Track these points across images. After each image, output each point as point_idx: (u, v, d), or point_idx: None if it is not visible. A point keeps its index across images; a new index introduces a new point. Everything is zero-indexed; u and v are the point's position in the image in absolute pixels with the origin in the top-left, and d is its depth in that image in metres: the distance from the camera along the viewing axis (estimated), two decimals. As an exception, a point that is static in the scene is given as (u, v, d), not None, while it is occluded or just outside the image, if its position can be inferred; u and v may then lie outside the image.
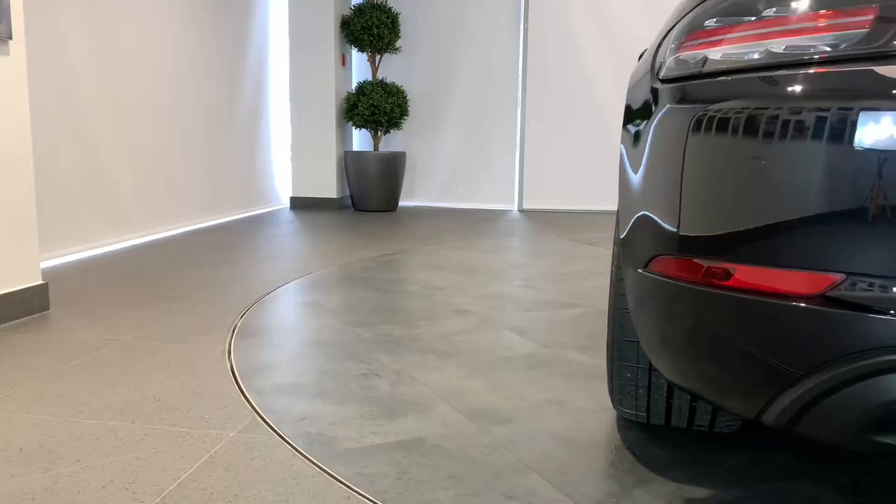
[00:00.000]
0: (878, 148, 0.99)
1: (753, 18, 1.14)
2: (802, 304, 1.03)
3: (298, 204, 6.88)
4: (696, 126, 1.16)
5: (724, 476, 1.59)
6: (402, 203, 7.09)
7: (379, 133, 6.78)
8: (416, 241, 4.90)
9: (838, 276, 1.00)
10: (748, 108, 1.11)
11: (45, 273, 3.25)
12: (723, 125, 1.13)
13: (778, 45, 1.11)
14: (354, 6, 6.70)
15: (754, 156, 1.09)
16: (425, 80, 7.09)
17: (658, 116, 1.28)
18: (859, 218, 0.99)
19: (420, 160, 7.20)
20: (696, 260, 1.18)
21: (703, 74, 1.20)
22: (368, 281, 3.57)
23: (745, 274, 1.10)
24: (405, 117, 6.76)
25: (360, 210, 6.72)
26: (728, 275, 1.12)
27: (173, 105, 5.10)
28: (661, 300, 1.27)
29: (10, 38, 2.63)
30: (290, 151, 6.90)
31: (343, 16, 6.73)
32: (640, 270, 1.33)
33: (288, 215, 6.33)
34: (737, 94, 1.14)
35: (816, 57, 1.07)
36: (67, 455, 1.62)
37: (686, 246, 1.20)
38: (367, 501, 1.44)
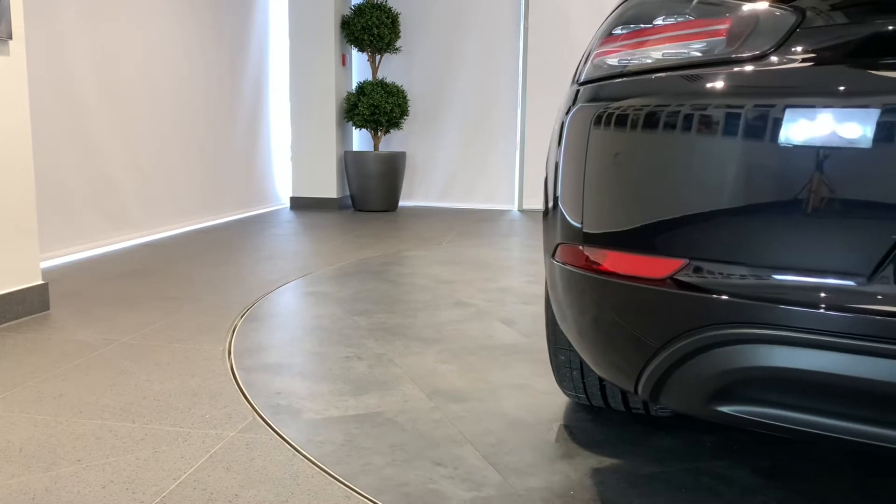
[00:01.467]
0: (713, 147, 1.12)
1: (648, 26, 1.28)
2: (655, 286, 1.18)
3: (298, 204, 6.88)
4: (596, 122, 1.30)
5: (648, 454, 1.67)
6: (402, 203, 7.09)
7: (379, 133, 6.78)
8: (418, 241, 4.90)
9: (682, 262, 1.14)
10: (610, 109, 1.26)
11: (45, 273, 3.26)
12: (590, 123, 1.30)
13: (657, 51, 1.24)
14: (354, 6, 6.70)
15: (616, 152, 1.25)
16: (425, 80, 7.09)
17: (570, 114, 1.40)
18: (697, 209, 1.13)
19: (420, 160, 7.20)
20: (581, 248, 1.33)
21: (606, 77, 1.33)
22: (371, 277, 3.57)
23: (614, 259, 1.26)
24: (405, 117, 6.76)
25: (360, 210, 6.72)
26: (601, 261, 1.28)
27: (173, 105, 5.11)
28: (562, 284, 1.41)
29: (10, 38, 2.63)
30: (290, 151, 6.90)
31: (343, 16, 6.73)
32: (550, 258, 1.47)
33: (288, 215, 6.33)
34: (620, 95, 1.27)
35: (683, 61, 1.20)
36: (67, 455, 1.62)
37: (577, 235, 1.34)
38: (367, 501, 1.44)
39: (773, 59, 1.10)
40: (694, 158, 1.13)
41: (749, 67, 1.12)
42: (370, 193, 6.66)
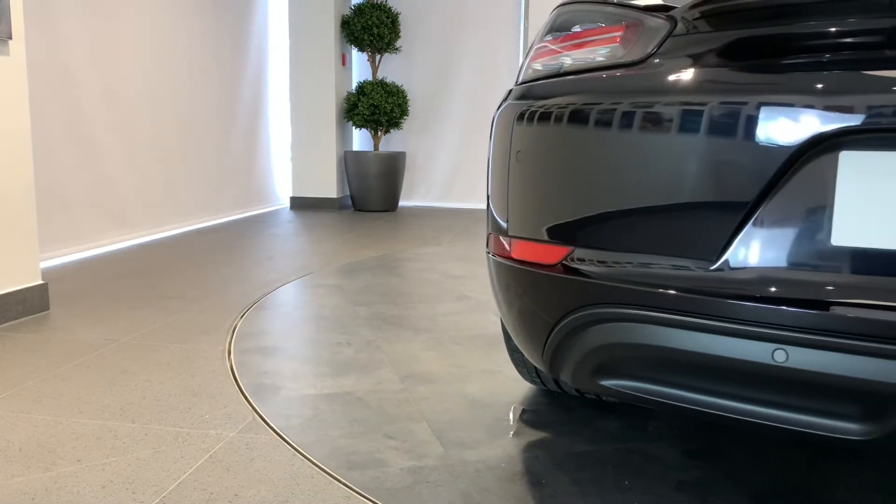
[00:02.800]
0: (589, 143, 1.23)
1: (568, 33, 1.39)
2: (549, 271, 1.30)
3: (298, 204, 6.88)
4: (519, 119, 1.40)
5: (588, 435, 1.76)
6: (402, 203, 7.09)
7: (379, 133, 6.78)
8: (419, 240, 4.90)
9: (568, 249, 1.27)
10: (533, 107, 1.36)
11: (45, 273, 3.26)
12: (513, 119, 1.41)
13: (569, 57, 1.36)
14: (354, 6, 6.70)
15: (519, 149, 1.38)
16: (425, 80, 7.09)
17: (499, 111, 1.51)
18: (577, 200, 1.26)
19: (420, 160, 7.20)
20: (500, 238, 1.46)
21: (534, 79, 1.44)
22: (374, 275, 3.57)
23: (519, 247, 1.39)
24: (405, 117, 6.76)
25: (360, 210, 6.72)
26: (511, 249, 1.41)
27: (173, 105, 5.10)
28: (494, 274, 1.52)
29: (10, 38, 2.63)
30: (290, 151, 6.90)
31: (343, 15, 6.73)
32: (485, 248, 1.58)
33: (288, 215, 6.33)
34: (539, 95, 1.37)
35: (587, 65, 1.31)
36: (67, 455, 1.62)
37: (500, 226, 1.46)
38: (368, 502, 1.44)
39: (651, 62, 1.21)
40: (575, 154, 1.26)
41: (631, 71, 1.23)
42: (370, 193, 6.66)
